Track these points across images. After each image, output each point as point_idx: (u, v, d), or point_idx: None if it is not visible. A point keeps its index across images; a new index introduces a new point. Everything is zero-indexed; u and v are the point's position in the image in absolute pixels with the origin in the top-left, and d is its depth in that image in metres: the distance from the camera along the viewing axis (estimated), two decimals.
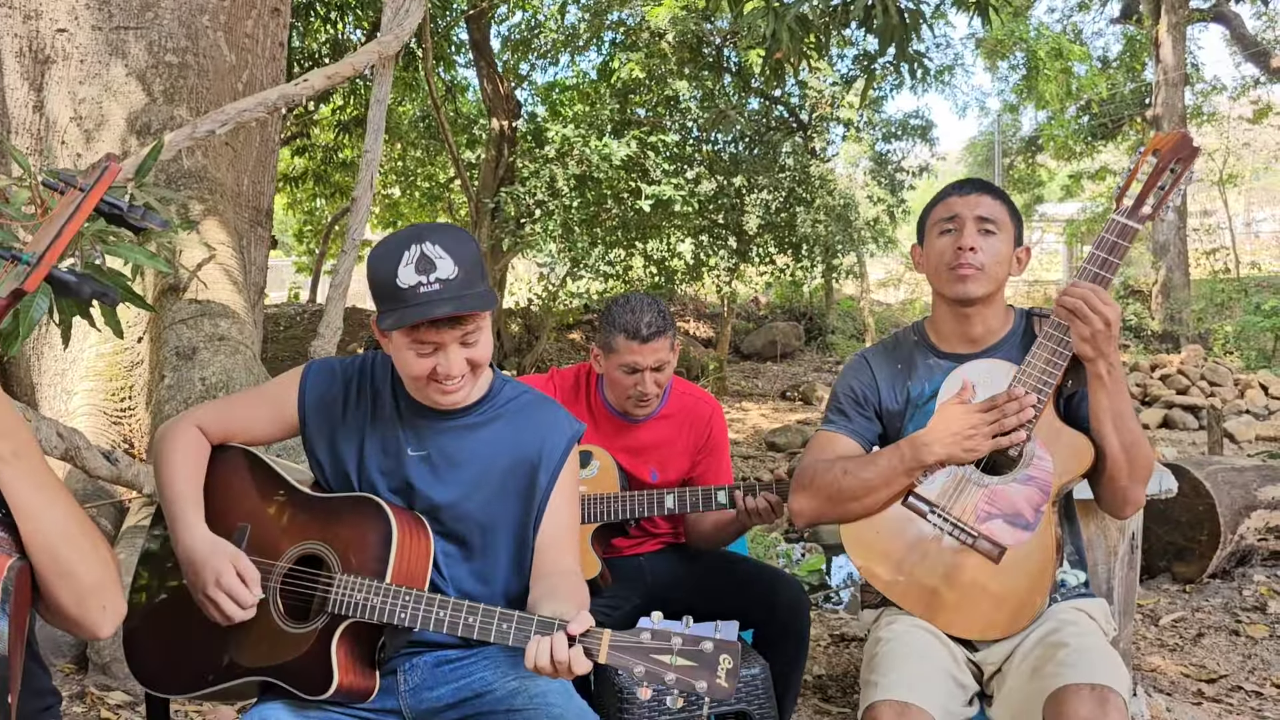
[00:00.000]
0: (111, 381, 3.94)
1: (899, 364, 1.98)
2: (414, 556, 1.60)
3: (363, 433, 1.70)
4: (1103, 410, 1.75)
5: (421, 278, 1.51)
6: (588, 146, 11.68)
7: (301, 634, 1.57)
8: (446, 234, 1.57)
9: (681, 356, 13.95)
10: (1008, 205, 1.92)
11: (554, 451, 1.71)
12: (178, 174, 4.01)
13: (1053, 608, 1.83)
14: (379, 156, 4.08)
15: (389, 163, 16.55)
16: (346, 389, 1.73)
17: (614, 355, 2.30)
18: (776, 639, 2.27)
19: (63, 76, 4.08)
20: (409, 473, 1.67)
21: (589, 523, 2.28)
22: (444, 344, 1.56)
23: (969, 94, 25.67)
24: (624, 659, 1.38)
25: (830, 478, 1.86)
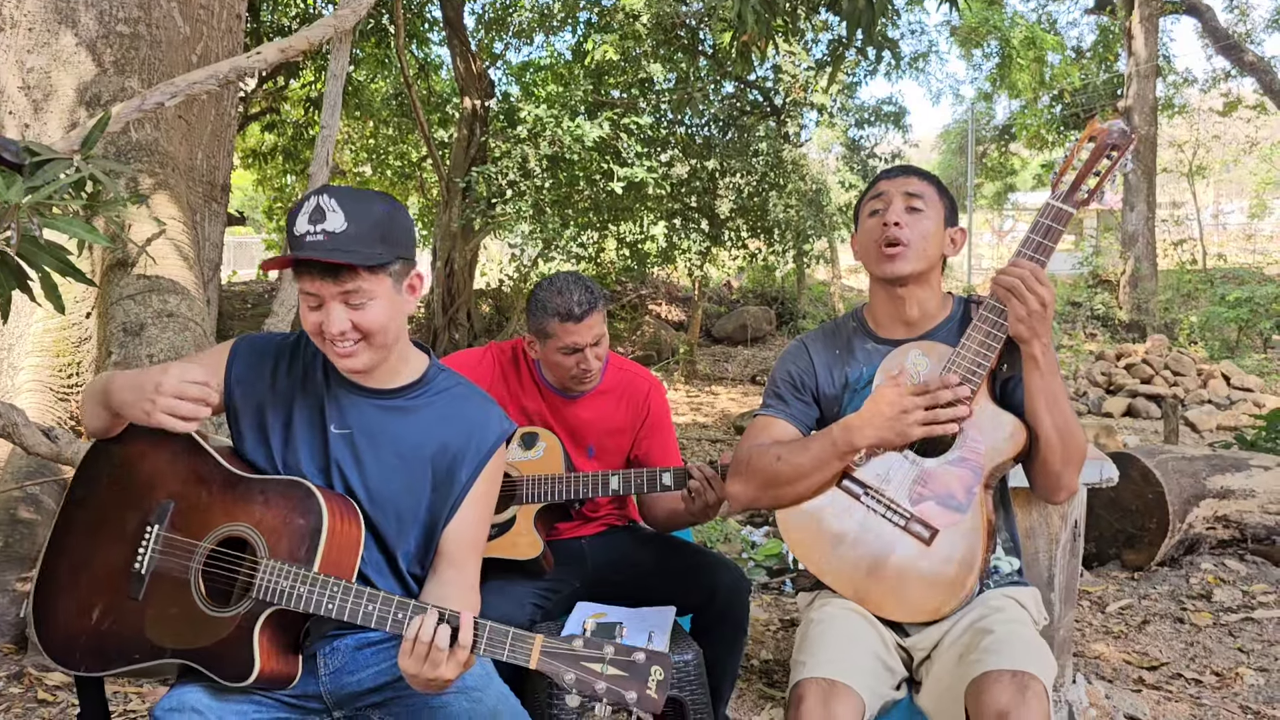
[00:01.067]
0: (59, 357, 3.87)
1: (837, 349, 1.98)
2: (343, 544, 1.57)
3: (290, 407, 1.68)
4: (1037, 391, 1.76)
5: (310, 227, 1.53)
6: (560, 127, 11.60)
7: (223, 619, 1.54)
8: (351, 194, 1.57)
9: (652, 339, 13.98)
10: (936, 185, 1.93)
11: (480, 448, 1.68)
12: (128, 147, 3.94)
13: (983, 595, 1.84)
14: (336, 132, 4.03)
15: (360, 140, 16.40)
16: (277, 363, 1.71)
17: (551, 340, 2.28)
18: (714, 624, 2.27)
19: (10, 45, 4.00)
20: (332, 450, 1.65)
21: (532, 503, 2.27)
22: (324, 298, 1.55)
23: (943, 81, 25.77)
24: (554, 665, 1.38)
25: (765, 462, 1.86)
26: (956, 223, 1.96)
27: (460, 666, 1.42)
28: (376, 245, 1.55)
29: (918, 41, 15.21)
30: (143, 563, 1.61)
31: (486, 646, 1.42)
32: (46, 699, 2.88)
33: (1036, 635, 1.76)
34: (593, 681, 1.36)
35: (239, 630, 1.53)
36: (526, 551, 2.23)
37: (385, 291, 1.58)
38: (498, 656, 1.42)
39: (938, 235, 1.89)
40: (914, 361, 1.85)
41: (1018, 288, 1.71)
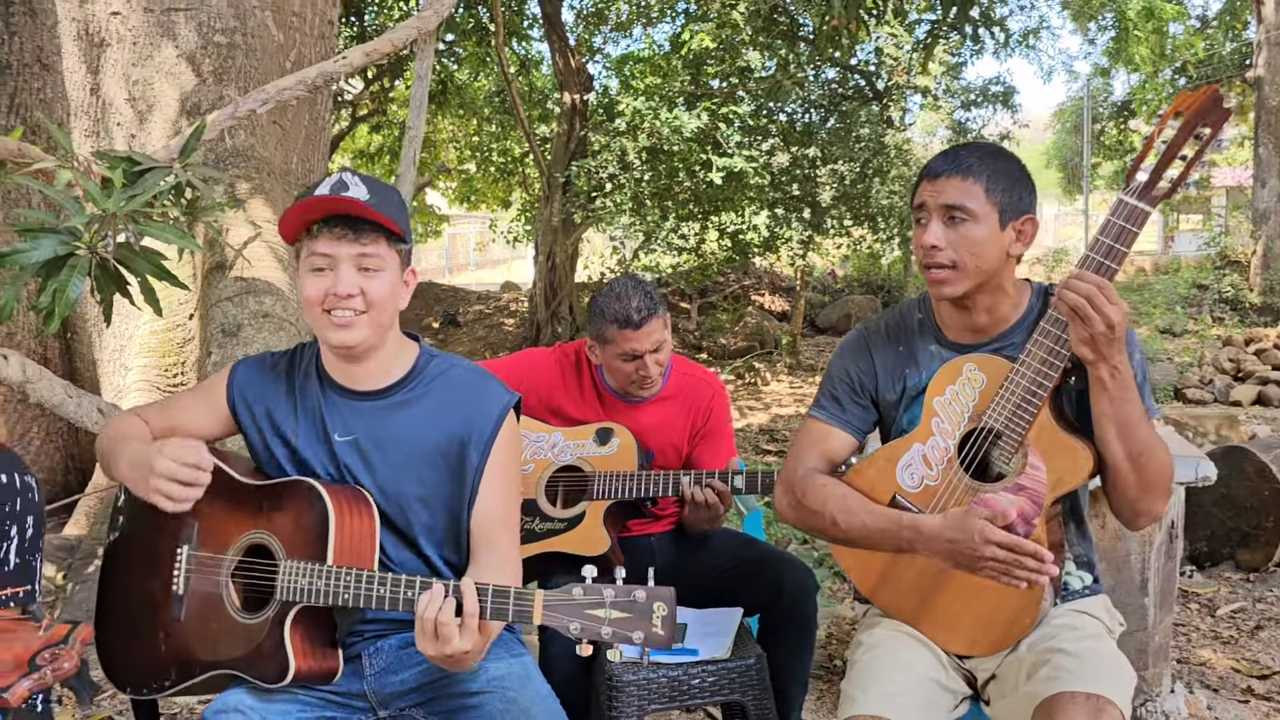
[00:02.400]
0: (164, 358, 4.04)
1: (900, 346, 1.84)
2: (356, 534, 1.59)
3: (293, 421, 1.69)
4: (1105, 417, 1.59)
5: (328, 192, 1.56)
6: (658, 119, 11.59)
7: (255, 624, 1.58)
8: (374, 180, 1.60)
9: (754, 330, 13.86)
10: (987, 179, 1.67)
11: (484, 426, 1.67)
12: (225, 153, 4.08)
13: (1052, 613, 1.73)
14: (422, 132, 4.09)
15: (464, 138, 16.69)
16: (275, 378, 1.73)
17: (610, 346, 2.27)
18: (780, 624, 2.22)
19: (117, 59, 4.18)
20: (340, 458, 1.66)
21: (601, 499, 2.27)
22: (338, 259, 1.56)
23: (1055, 58, 24.65)
24: (558, 617, 1.38)
25: (820, 510, 1.75)
26: (1029, 209, 1.72)
27: (474, 635, 1.42)
28: (396, 217, 1.59)
29: (1027, 17, 14.67)
30: (179, 584, 1.66)
31: (493, 611, 1.42)
32: None
33: (1112, 647, 1.65)
34: (597, 627, 1.36)
35: (271, 633, 1.56)
36: (595, 547, 2.23)
37: (394, 267, 1.61)
38: (503, 619, 1.42)
39: (991, 242, 1.67)
40: (969, 375, 1.71)
41: (1082, 308, 1.51)
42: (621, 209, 12.01)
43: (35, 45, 4.26)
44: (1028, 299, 1.77)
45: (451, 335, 13.48)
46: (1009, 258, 1.71)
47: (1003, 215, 1.68)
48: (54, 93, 4.27)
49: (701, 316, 14.31)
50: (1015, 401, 1.63)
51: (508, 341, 13.21)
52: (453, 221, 22.65)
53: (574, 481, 2.31)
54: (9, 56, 4.26)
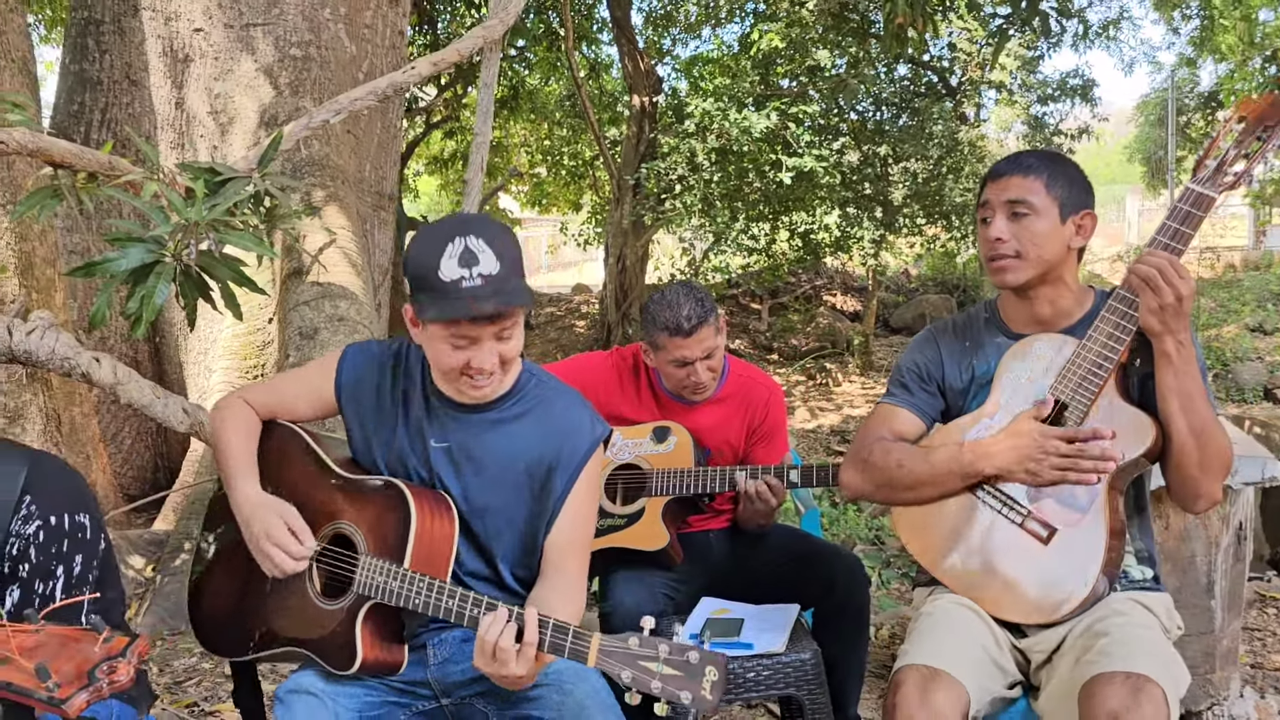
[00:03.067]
0: (245, 360, 4.19)
1: (967, 340, 1.92)
2: (434, 540, 1.64)
3: (394, 419, 1.75)
4: (1169, 390, 1.65)
5: (464, 271, 1.51)
6: (727, 120, 11.59)
7: (330, 611, 1.66)
8: (490, 227, 1.57)
9: (826, 330, 13.78)
10: (1047, 177, 1.78)
11: (574, 455, 1.71)
12: (302, 162, 4.22)
13: (1109, 597, 1.74)
14: (489, 139, 4.18)
15: (536, 142, 16.88)
16: (381, 374, 1.77)
17: (662, 352, 2.32)
18: (833, 617, 2.26)
19: (200, 74, 4.35)
20: (432, 462, 1.72)
21: (660, 496, 2.32)
22: (480, 339, 1.56)
23: (1137, 49, 23.95)
24: (612, 664, 1.41)
25: (885, 463, 1.83)
26: (1088, 205, 1.82)
27: (530, 663, 1.46)
28: (521, 277, 1.59)
29: (1107, 8, 14.32)
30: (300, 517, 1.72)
31: (550, 645, 1.45)
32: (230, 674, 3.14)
33: (1162, 641, 1.66)
34: (649, 680, 1.37)
35: (344, 623, 1.64)
36: (654, 542, 2.28)
37: (522, 319, 1.63)
38: (559, 654, 1.45)
39: (1053, 235, 1.77)
40: (1039, 353, 1.77)
41: (1154, 278, 1.61)
42: (691, 210, 12.01)
43: (124, 62, 4.46)
44: (1091, 301, 1.85)
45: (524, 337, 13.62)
46: (1069, 250, 1.80)
47: (1063, 209, 1.79)
48: (141, 107, 4.47)
49: (772, 317, 14.27)
50: (1081, 373, 1.71)
51: (579, 343, 13.32)
52: (524, 225, 22.90)
53: (633, 479, 2.36)
54: (100, 73, 4.47)
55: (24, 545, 1.58)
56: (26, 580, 1.58)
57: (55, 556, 1.60)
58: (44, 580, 1.59)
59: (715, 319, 2.31)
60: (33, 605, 1.55)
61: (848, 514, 3.75)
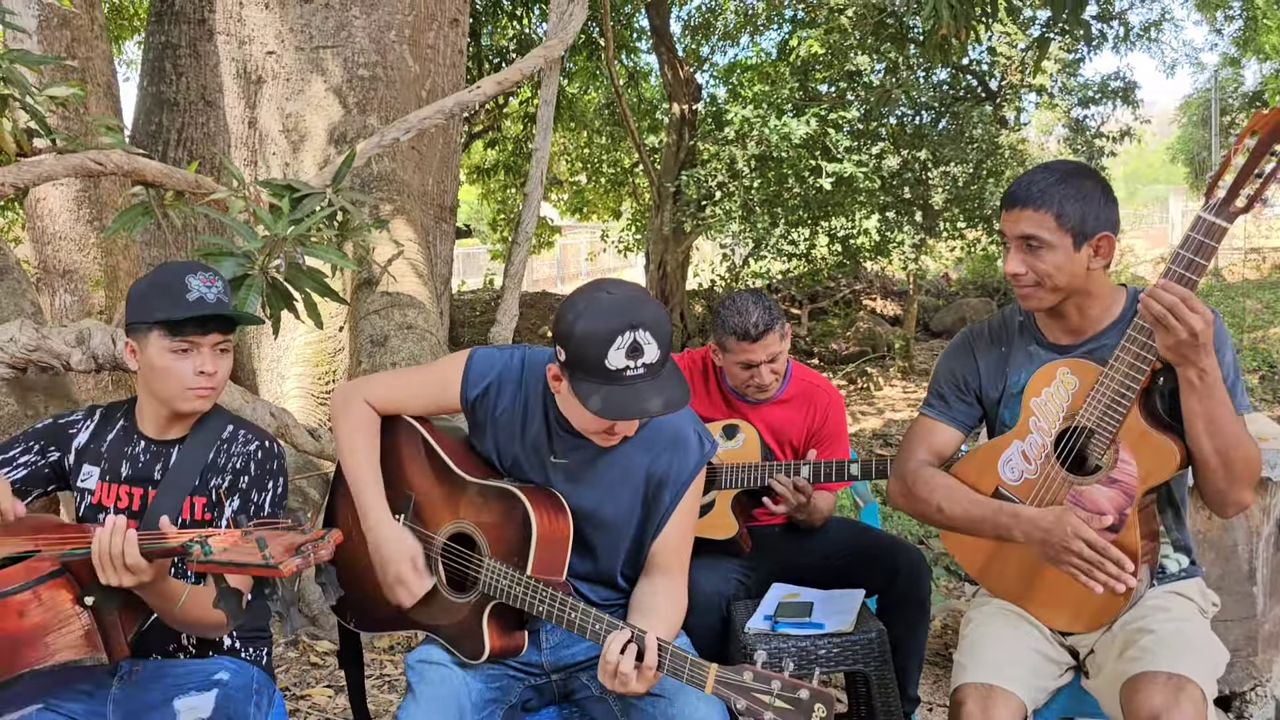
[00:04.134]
0: (317, 367, 4.39)
1: (1003, 347, 1.98)
2: (552, 542, 1.78)
3: (513, 428, 1.87)
4: (1194, 416, 1.70)
5: (629, 362, 1.62)
6: (767, 126, 11.68)
7: (459, 604, 1.82)
8: (657, 319, 1.66)
9: (866, 335, 13.81)
10: (1058, 207, 1.76)
11: (681, 473, 1.83)
12: (370, 178, 4.41)
13: (1148, 594, 1.86)
14: (548, 153, 4.35)
15: (575, 150, 17.04)
16: (504, 382, 1.87)
17: (729, 354, 2.49)
18: (896, 605, 2.40)
19: (272, 94, 4.56)
20: (550, 477, 1.84)
21: (730, 488, 2.48)
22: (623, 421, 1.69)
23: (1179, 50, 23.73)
24: (727, 693, 1.53)
25: (927, 500, 1.93)
26: (1104, 227, 1.79)
27: (649, 682, 1.59)
28: (671, 364, 1.71)
29: (1148, 10, 14.25)
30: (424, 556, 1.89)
31: (669, 669, 1.58)
32: (317, 663, 3.33)
33: (1203, 629, 1.77)
34: (761, 711, 1.49)
35: (471, 617, 1.80)
36: (724, 532, 2.45)
37: None
38: (677, 679, 1.57)
39: (1068, 263, 1.78)
40: (1062, 380, 1.84)
41: (1164, 318, 1.62)
42: (731, 217, 12.11)
43: (200, 84, 4.68)
44: (1121, 303, 1.89)
45: None
46: (1089, 271, 1.82)
47: (1076, 238, 1.78)
48: (216, 126, 4.68)
49: (812, 322, 14.27)
50: (1106, 402, 1.76)
51: None
52: (564, 232, 23.10)
53: (706, 474, 2.52)
54: (176, 95, 4.69)
55: (246, 460, 1.89)
56: (245, 491, 1.88)
57: (269, 473, 1.91)
58: (259, 492, 1.89)
59: (781, 326, 2.47)
60: (248, 514, 1.86)
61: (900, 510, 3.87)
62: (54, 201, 4.25)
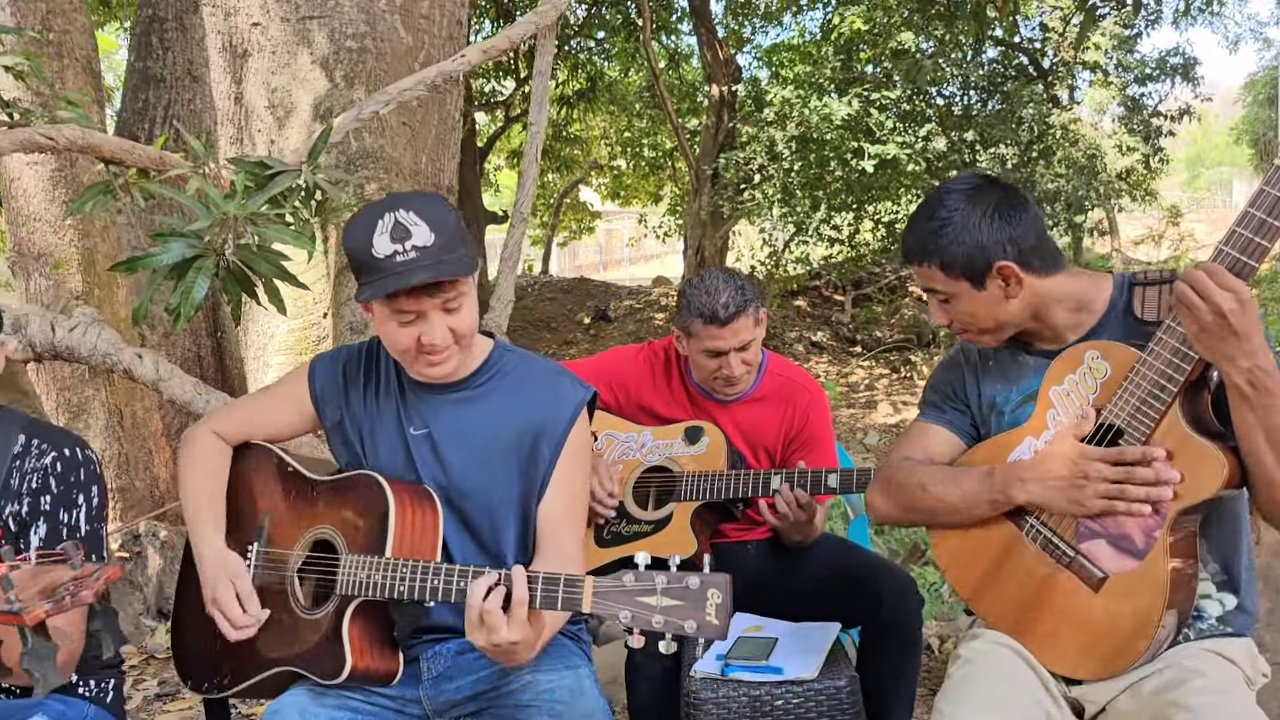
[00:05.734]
0: (301, 355, 4.18)
1: (990, 360, 1.71)
2: (417, 529, 1.57)
3: (369, 417, 1.70)
4: (1249, 428, 1.38)
5: (397, 245, 1.49)
6: (807, 107, 11.38)
7: (316, 619, 1.58)
8: (422, 201, 1.54)
9: (910, 322, 13.44)
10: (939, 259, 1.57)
11: (558, 422, 1.64)
12: (356, 155, 4.18)
13: (1179, 648, 1.52)
14: (544, 128, 4.08)
15: (616, 134, 16.85)
16: (351, 376, 1.73)
17: (694, 340, 2.17)
18: (880, 637, 2.09)
19: (258, 68, 4.34)
20: (413, 452, 1.66)
21: (689, 500, 2.18)
22: (425, 312, 1.52)
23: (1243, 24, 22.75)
24: (608, 605, 1.32)
25: (909, 485, 1.65)
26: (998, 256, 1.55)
27: (524, 626, 1.38)
28: (461, 247, 1.54)
29: None
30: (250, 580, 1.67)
31: (542, 600, 1.37)
32: None
33: (1249, 705, 1.42)
34: (649, 616, 1.30)
35: (330, 628, 1.56)
36: (682, 550, 2.14)
37: (471, 291, 1.58)
38: (552, 607, 1.38)
39: (982, 305, 1.58)
40: (1090, 366, 1.53)
41: (1185, 295, 1.34)
42: (770, 200, 11.83)
43: (186, 59, 4.48)
44: (1109, 292, 1.60)
45: (602, 330, 13.62)
46: (1009, 300, 1.58)
47: (973, 281, 1.57)
48: (203, 103, 4.48)
49: (856, 309, 14.03)
50: (1140, 396, 1.46)
51: (656, 336, 13.23)
52: (608, 217, 22.93)
53: (664, 482, 2.22)
54: (163, 70, 4.50)
55: (43, 477, 1.62)
56: (50, 512, 1.62)
57: (75, 485, 1.64)
58: (68, 510, 1.63)
59: (755, 310, 2.16)
60: (61, 538, 1.60)
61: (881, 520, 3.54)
62: (29, 182, 4.07)
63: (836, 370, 12.09)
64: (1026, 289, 1.57)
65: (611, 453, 2.26)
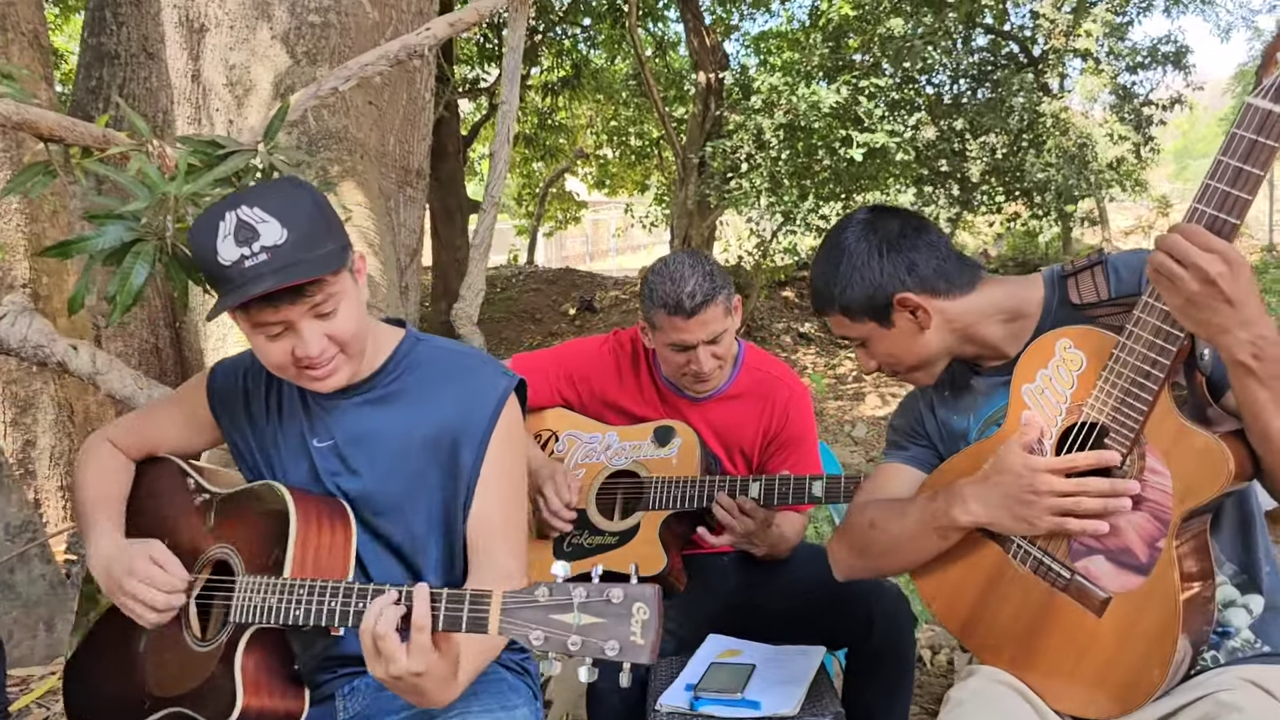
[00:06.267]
0: None
1: (946, 390, 1.56)
2: (324, 547, 1.37)
3: (272, 429, 1.51)
4: (1259, 406, 1.19)
5: (244, 249, 1.29)
6: (795, 94, 11.22)
7: (207, 652, 1.38)
8: (270, 192, 1.34)
9: None
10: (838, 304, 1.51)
11: (479, 418, 1.44)
12: (319, 135, 3.97)
13: (1212, 676, 1.34)
14: (516, 107, 3.89)
15: (602, 123, 16.68)
16: (252, 383, 1.54)
17: (659, 333, 1.97)
18: (870, 662, 1.89)
19: (215, 44, 4.13)
20: (319, 467, 1.46)
21: (658, 509, 1.98)
22: (292, 322, 1.32)
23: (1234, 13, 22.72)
24: (518, 625, 1.11)
25: (859, 527, 1.51)
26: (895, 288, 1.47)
27: (427, 654, 1.17)
28: (325, 241, 1.33)
29: None
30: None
31: (445, 621, 1.17)
32: None
33: None
34: (564, 638, 1.09)
35: (222, 662, 1.36)
36: (648, 565, 1.93)
37: (348, 287, 1.37)
38: (457, 629, 1.16)
39: (898, 342, 1.49)
40: (1063, 358, 1.35)
41: (1164, 266, 1.16)
42: (758, 190, 11.67)
43: (141, 35, 4.28)
44: (1039, 294, 1.45)
45: (587, 321, 13.45)
46: (924, 331, 1.46)
47: (879, 320, 1.50)
48: (159, 81, 4.27)
49: None
50: (1122, 387, 1.28)
51: None
52: (594, 207, 22.75)
53: (631, 489, 2.03)
54: (117, 47, 4.29)
55: None
56: None
57: None
58: None
59: (726, 297, 1.96)
60: None
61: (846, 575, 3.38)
62: None
63: (824, 362, 11.96)
64: (937, 316, 1.44)
65: (574, 456, 2.05)
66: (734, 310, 1.97)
